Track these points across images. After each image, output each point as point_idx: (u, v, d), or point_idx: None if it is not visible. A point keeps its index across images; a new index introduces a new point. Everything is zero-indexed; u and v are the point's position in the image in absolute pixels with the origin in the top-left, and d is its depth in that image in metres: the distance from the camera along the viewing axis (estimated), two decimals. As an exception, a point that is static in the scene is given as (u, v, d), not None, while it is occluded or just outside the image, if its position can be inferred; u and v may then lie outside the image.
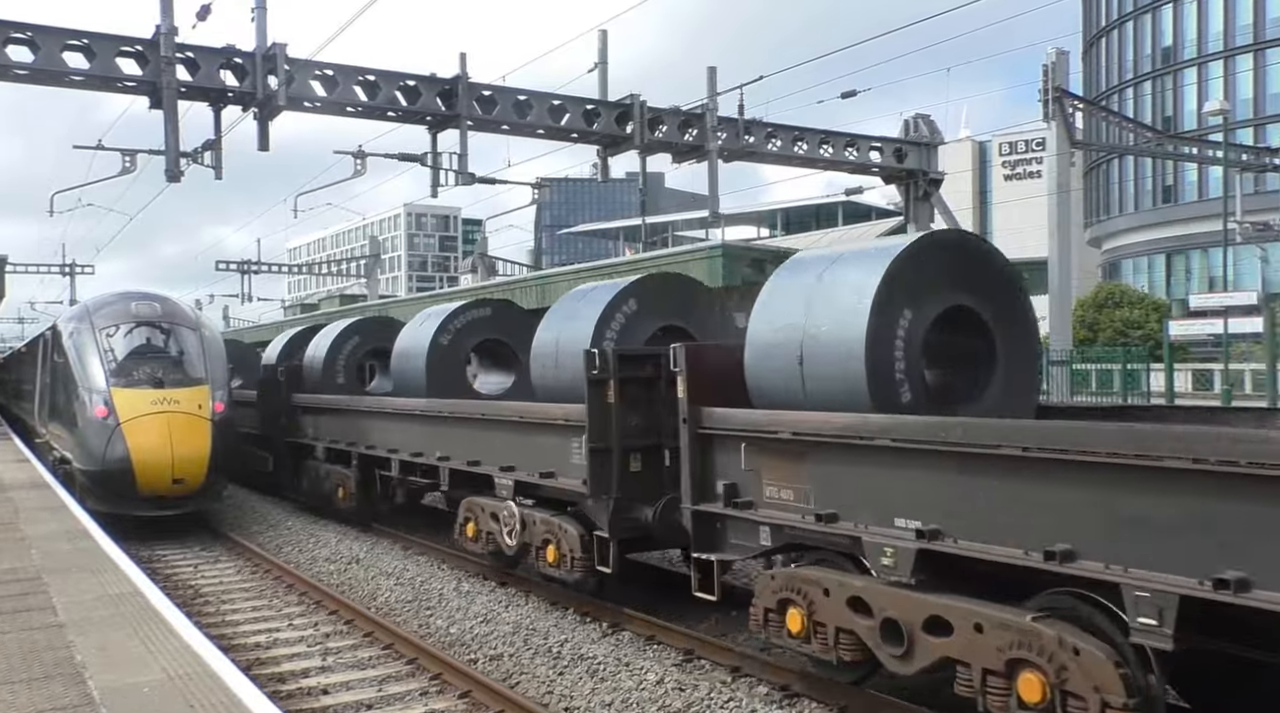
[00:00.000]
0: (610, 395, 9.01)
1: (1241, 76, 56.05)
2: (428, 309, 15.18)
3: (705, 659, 8.56)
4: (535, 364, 11.22)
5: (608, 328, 10.46)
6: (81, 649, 6.08)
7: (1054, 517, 5.47)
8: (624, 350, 9.34)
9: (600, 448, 9.05)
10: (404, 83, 16.81)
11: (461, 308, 13.86)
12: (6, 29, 13.95)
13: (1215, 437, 4.81)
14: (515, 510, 10.52)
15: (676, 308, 11.16)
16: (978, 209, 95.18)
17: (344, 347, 17.24)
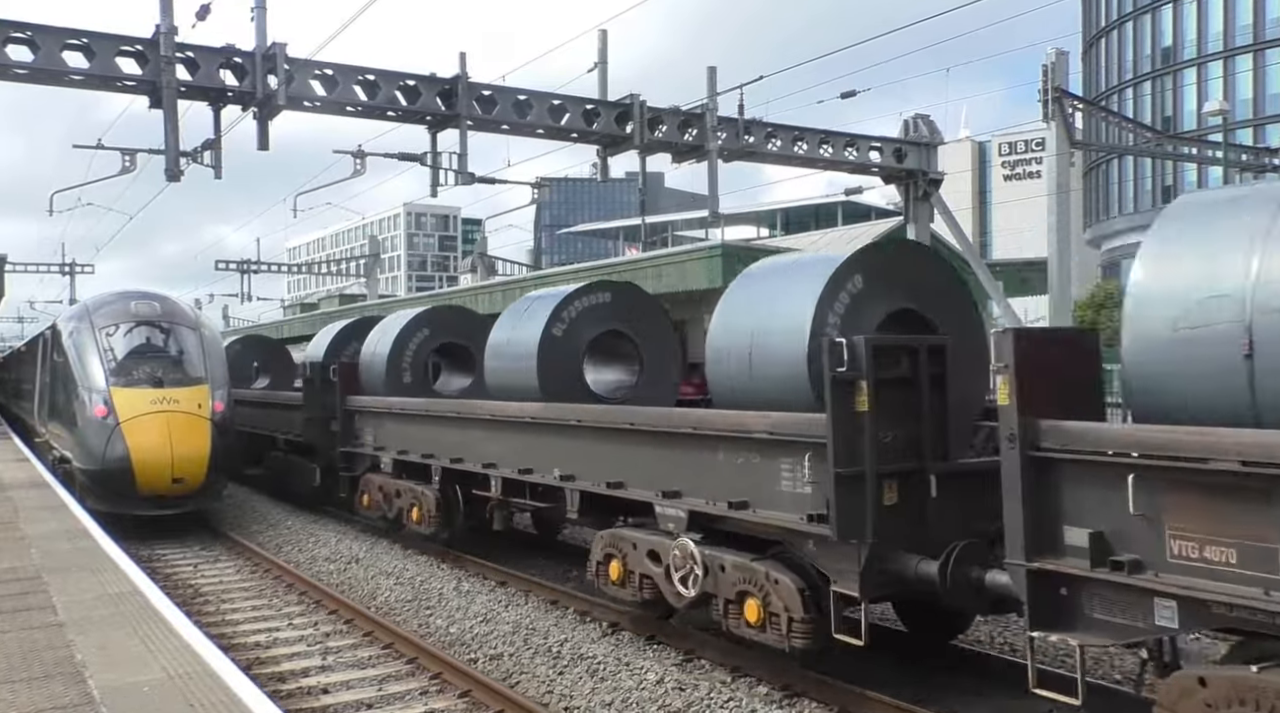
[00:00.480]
0: (862, 401, 6.77)
1: (1241, 77, 56.05)
2: (529, 295, 12.83)
3: (705, 659, 8.56)
4: (716, 363, 8.53)
5: (830, 311, 7.70)
6: (81, 648, 6.08)
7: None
8: (880, 340, 6.99)
9: (850, 473, 6.72)
10: (404, 82, 16.77)
11: (577, 293, 11.39)
12: (6, 28, 13.92)
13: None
14: (693, 551, 8.04)
15: (912, 288, 8.15)
16: (977, 209, 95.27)
17: (411, 341, 14.71)
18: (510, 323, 11.90)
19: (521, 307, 12.12)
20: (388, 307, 33.24)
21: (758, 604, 7.44)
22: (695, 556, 8.01)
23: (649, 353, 11.60)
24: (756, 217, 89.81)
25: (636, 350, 11.62)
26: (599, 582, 9.32)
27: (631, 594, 8.94)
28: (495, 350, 11.96)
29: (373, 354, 15.19)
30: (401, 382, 14.52)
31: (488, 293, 29.34)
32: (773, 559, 7.56)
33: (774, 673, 7.96)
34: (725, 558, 7.81)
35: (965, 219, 58.71)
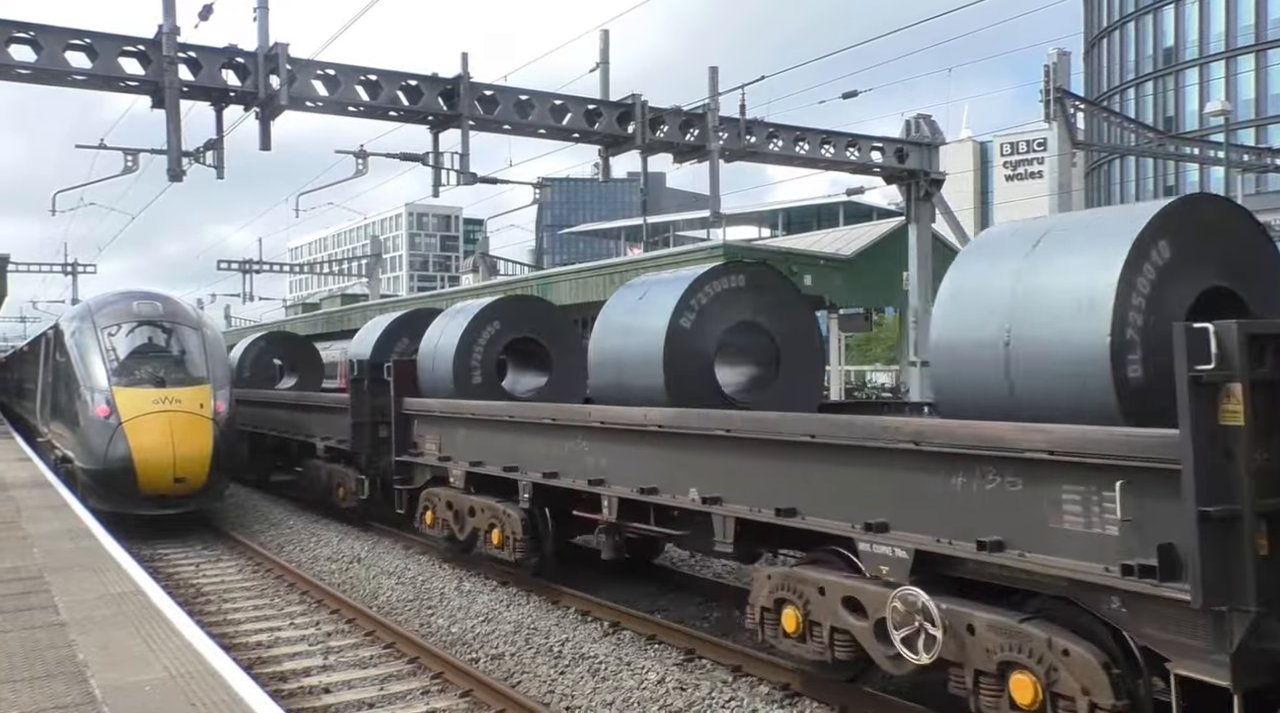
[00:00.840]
0: (1233, 411, 4.80)
1: (1243, 77, 56.04)
2: (640, 279, 10.89)
3: (706, 659, 8.57)
4: (944, 365, 6.68)
5: (1134, 290, 5.82)
6: (83, 648, 6.09)
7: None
8: (1258, 327, 4.97)
9: (1220, 513, 4.72)
10: (406, 82, 16.80)
11: (707, 277, 9.53)
12: (9, 28, 13.95)
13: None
14: (926, 604, 6.06)
15: (1225, 261, 6.29)
16: (979, 209, 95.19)
17: (480, 335, 12.76)
18: (622, 312, 9.95)
19: (633, 294, 10.09)
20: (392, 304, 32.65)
21: (1034, 683, 5.55)
22: (929, 611, 6.05)
23: (786, 348, 9.93)
24: (758, 217, 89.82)
25: (772, 344, 9.89)
26: (765, 632, 7.50)
27: (817, 652, 7.06)
28: (604, 346, 10.01)
29: (435, 351, 13.09)
30: (470, 383, 12.58)
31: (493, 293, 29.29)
32: (1049, 621, 5.68)
33: (775, 673, 7.96)
34: (977, 616, 5.89)
35: (967, 219, 58.67)
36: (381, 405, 14.04)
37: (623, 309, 10.09)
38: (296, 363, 23.26)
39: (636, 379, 9.33)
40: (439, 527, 12.32)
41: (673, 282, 9.75)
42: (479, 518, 11.38)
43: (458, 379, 12.61)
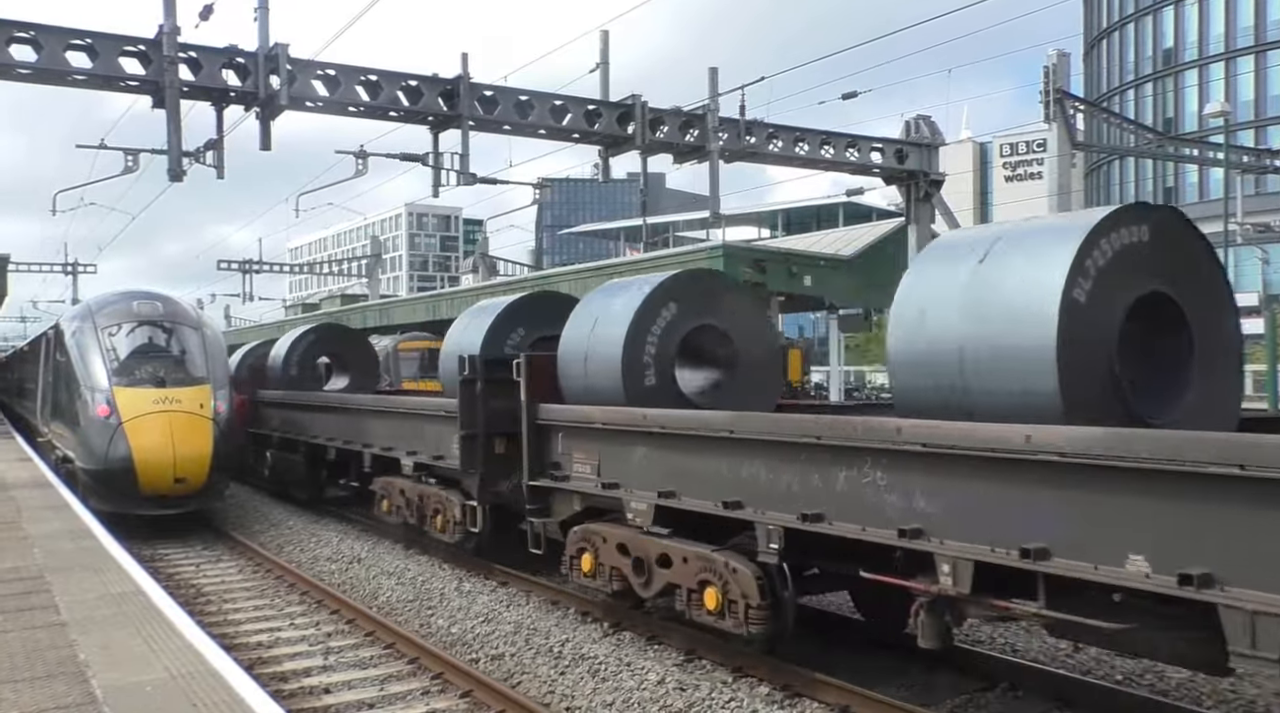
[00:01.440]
0: None
1: (1242, 78, 56.09)
2: (991, 228, 7.57)
3: (707, 659, 8.57)
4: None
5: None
6: (84, 648, 6.10)
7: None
8: None
9: None
10: (406, 83, 16.83)
11: (1104, 225, 6.17)
12: (9, 28, 13.97)
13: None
14: None
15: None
16: (978, 210, 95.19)
17: (653, 323, 9.52)
18: (950, 277, 6.63)
19: (974, 246, 6.71)
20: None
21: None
22: None
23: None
24: (758, 217, 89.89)
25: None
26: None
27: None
28: (919, 337, 6.67)
29: (588, 343, 9.91)
30: (642, 384, 9.48)
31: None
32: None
33: (775, 673, 7.97)
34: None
35: (967, 220, 58.69)
36: (501, 412, 10.95)
37: (947, 270, 7.45)
38: (348, 361, 20.32)
39: (1030, 376, 6.01)
40: (604, 577, 9.21)
41: (1053, 233, 7.29)
42: (680, 571, 8.31)
43: (628, 380, 9.43)
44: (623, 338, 9.40)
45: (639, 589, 8.88)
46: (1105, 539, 5.22)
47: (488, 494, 11.46)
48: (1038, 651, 8.71)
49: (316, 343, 20.03)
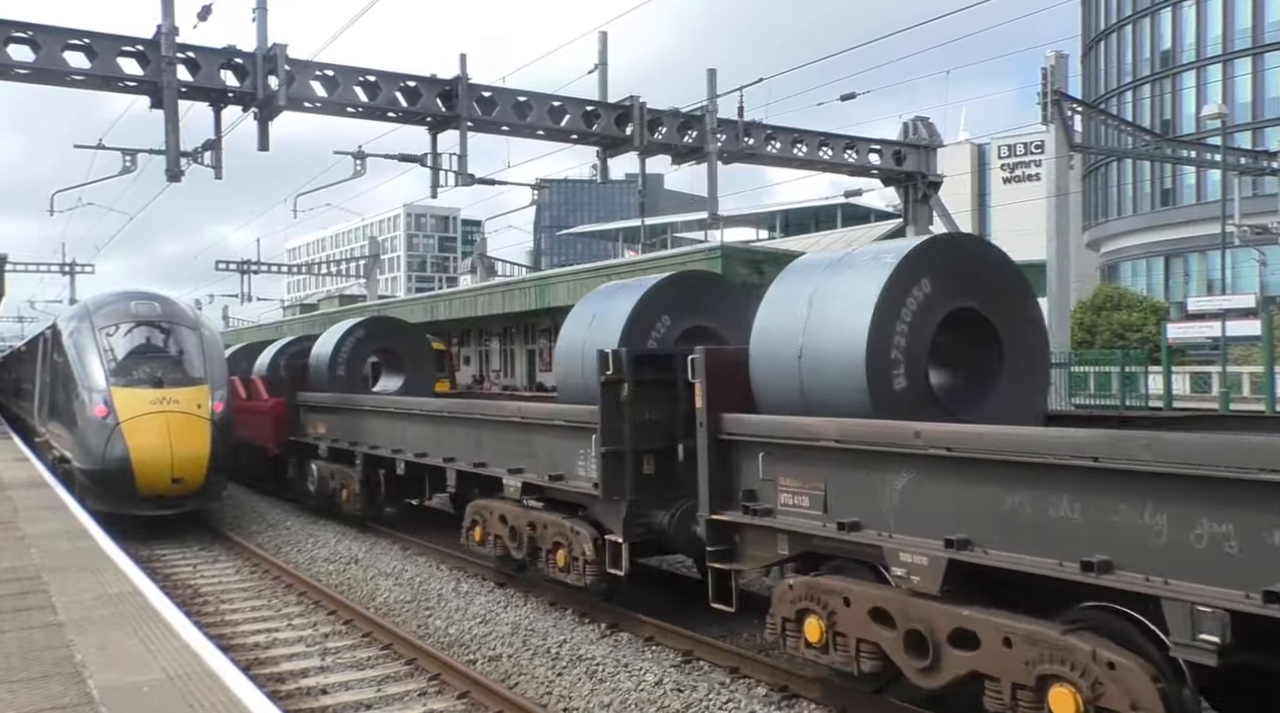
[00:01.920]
0: None
1: (1240, 80, 56.15)
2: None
3: (704, 660, 8.57)
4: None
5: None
6: (81, 649, 6.09)
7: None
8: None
9: None
10: (404, 84, 16.84)
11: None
12: (7, 28, 13.97)
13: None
14: None
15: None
16: (976, 212, 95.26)
17: (902, 306, 7.20)
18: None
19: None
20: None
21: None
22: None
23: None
24: (756, 218, 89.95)
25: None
26: None
27: None
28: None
29: (805, 331, 7.49)
30: (890, 388, 7.14)
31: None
32: None
33: (772, 674, 7.97)
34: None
35: (964, 221, 58.78)
36: (650, 424, 9.02)
37: None
38: (403, 358, 18.14)
39: None
40: (849, 653, 6.77)
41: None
42: (995, 656, 5.78)
43: (874, 382, 7.05)
44: (864, 327, 7.03)
45: (920, 677, 6.32)
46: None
47: (635, 528, 9.08)
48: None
49: (366, 339, 17.65)
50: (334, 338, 17.52)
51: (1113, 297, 47.82)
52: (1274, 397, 24.53)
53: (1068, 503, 5.41)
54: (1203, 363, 37.86)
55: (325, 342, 17.86)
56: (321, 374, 17.32)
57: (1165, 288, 59.08)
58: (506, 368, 37.46)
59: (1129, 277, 61.26)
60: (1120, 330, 43.65)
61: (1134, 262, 62.51)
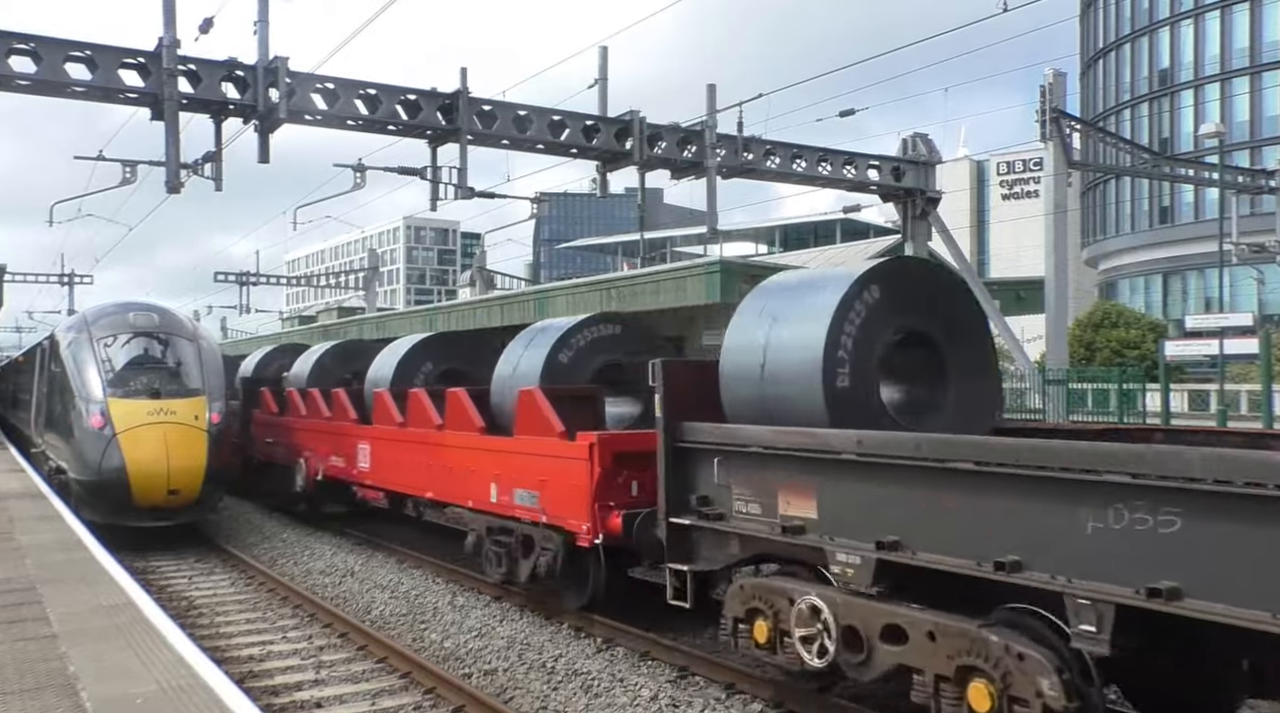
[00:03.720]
0: None
1: (1238, 99, 56.39)
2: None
3: (700, 676, 8.54)
4: None
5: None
6: (75, 661, 6.07)
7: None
8: None
9: None
10: (404, 97, 16.88)
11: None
12: (9, 40, 14.01)
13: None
14: None
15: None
16: (975, 228, 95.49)
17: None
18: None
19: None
20: None
21: None
22: None
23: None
24: (755, 233, 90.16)
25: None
26: None
27: None
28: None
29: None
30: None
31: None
32: None
33: (768, 690, 7.94)
34: None
35: (963, 238, 58.85)
36: None
37: None
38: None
39: None
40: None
41: None
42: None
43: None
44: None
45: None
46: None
47: None
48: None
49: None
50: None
51: (1111, 314, 47.85)
52: (1271, 414, 24.54)
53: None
54: (1201, 381, 37.88)
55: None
56: None
57: (1163, 305, 59.17)
58: (505, 381, 37.36)
59: (1127, 294, 61.37)
60: (1118, 348, 43.67)
61: (1132, 279, 62.63)
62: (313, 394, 16.98)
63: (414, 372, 14.99)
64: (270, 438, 18.65)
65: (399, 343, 16.11)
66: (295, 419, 17.58)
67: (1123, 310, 49.57)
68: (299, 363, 19.14)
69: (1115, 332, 45.40)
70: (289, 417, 17.91)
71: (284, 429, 18.00)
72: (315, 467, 16.45)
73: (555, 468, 10.00)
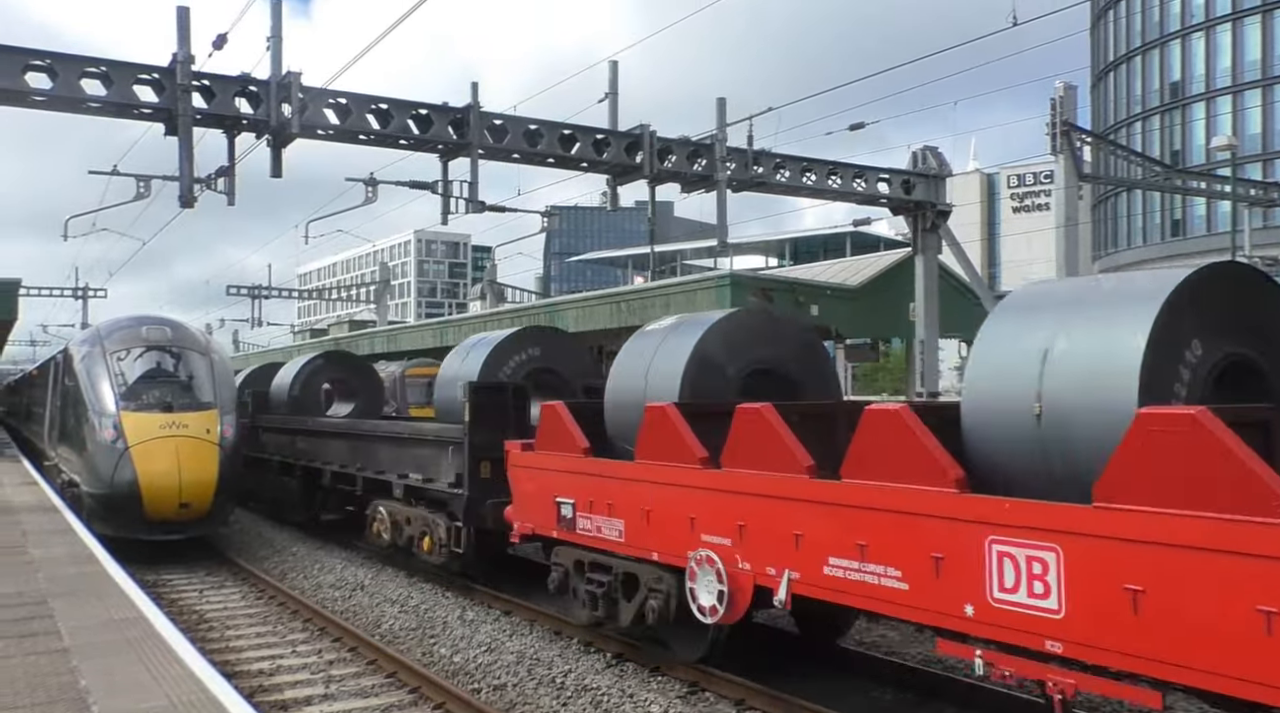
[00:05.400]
0: None
1: (1250, 112, 56.22)
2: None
3: (710, 692, 8.50)
4: None
5: None
6: (86, 675, 6.08)
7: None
8: None
9: None
10: (416, 111, 16.94)
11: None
12: (26, 56, 14.13)
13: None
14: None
15: None
16: (985, 241, 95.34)
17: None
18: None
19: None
20: None
21: None
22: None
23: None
24: (765, 246, 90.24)
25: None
26: None
27: None
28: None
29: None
30: None
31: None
32: None
33: (778, 706, 7.90)
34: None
35: (973, 250, 58.77)
36: None
37: None
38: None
39: None
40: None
41: None
42: None
43: None
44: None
45: None
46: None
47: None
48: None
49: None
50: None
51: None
52: None
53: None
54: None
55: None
56: None
57: (1176, 318, 58.83)
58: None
59: (1139, 307, 61.04)
60: (1131, 360, 43.50)
61: (1144, 292, 62.35)
62: None
63: None
64: None
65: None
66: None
67: (1135, 323, 49.33)
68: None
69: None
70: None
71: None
72: None
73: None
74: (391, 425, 15.46)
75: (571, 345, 14.62)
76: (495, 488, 11.41)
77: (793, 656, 9.37)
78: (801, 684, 8.21)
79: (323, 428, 17.35)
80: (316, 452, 17.17)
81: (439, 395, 14.18)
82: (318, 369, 19.80)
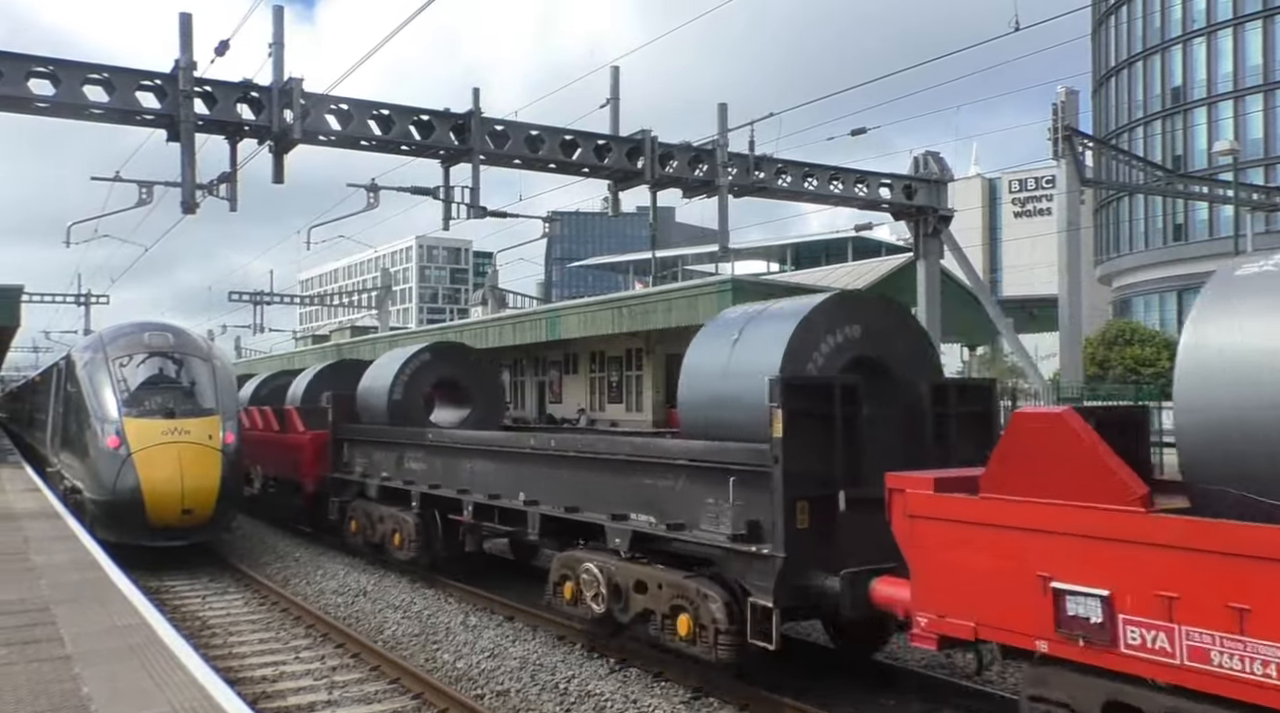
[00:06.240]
0: None
1: (1252, 117, 56.21)
2: None
3: (714, 697, 8.48)
4: None
5: None
6: (89, 682, 6.07)
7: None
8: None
9: None
10: (417, 117, 16.96)
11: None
12: (29, 63, 14.16)
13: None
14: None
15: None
16: (987, 246, 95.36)
17: None
18: None
19: None
20: None
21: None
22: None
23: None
24: (767, 251, 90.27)
25: None
26: None
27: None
28: None
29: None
30: None
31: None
32: None
33: (782, 711, 7.87)
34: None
35: (975, 255, 58.82)
36: None
37: None
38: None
39: None
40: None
41: None
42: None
43: None
44: None
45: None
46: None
47: None
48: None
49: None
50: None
51: (1125, 331, 47.61)
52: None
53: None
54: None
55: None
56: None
57: (1178, 322, 58.83)
58: (516, 400, 37.48)
59: (1141, 311, 61.03)
60: (1133, 365, 43.44)
61: (1146, 297, 62.32)
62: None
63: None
64: None
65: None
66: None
67: (1137, 327, 49.31)
68: None
69: (1129, 349, 45.14)
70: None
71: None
72: None
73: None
74: (609, 443, 10.17)
75: (907, 322, 9.56)
76: (819, 545, 7.54)
77: (832, 668, 9.21)
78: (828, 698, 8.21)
79: (470, 444, 12.86)
80: (449, 475, 13.10)
81: (694, 399, 9.19)
82: (424, 366, 15.51)
